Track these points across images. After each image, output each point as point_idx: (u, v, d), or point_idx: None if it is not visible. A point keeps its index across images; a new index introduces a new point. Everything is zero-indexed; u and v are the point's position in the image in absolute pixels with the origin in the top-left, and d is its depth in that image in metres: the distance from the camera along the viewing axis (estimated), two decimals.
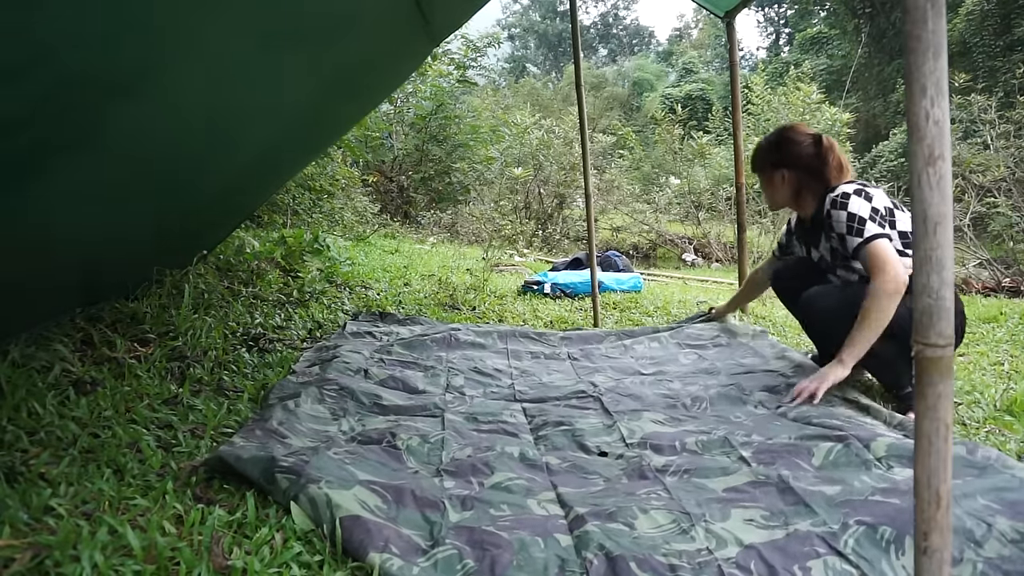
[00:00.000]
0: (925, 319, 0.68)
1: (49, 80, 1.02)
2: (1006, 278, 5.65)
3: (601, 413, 1.77)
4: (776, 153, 1.99)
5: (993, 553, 1.00)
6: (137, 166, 1.54)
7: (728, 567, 1.01)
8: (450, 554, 1.04)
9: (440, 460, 1.43)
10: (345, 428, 1.60)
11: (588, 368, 2.29)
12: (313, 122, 2.32)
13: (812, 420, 1.60)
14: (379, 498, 1.19)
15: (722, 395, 1.88)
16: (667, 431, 1.63)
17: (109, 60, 1.10)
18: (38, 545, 0.98)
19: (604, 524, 1.13)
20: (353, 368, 2.10)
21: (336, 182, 5.87)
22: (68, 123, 1.17)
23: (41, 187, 1.30)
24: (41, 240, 1.52)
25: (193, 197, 2.10)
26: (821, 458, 1.39)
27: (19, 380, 1.60)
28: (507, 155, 10.21)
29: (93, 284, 2.10)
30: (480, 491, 1.28)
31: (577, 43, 3.20)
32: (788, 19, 31.31)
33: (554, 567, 1.02)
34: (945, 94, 0.65)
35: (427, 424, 1.65)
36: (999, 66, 12.54)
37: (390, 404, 1.80)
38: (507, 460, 1.43)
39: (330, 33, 1.70)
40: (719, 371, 2.13)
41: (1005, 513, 1.09)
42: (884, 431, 1.53)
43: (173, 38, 1.19)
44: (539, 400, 1.91)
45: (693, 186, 10.45)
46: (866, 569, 0.99)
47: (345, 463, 1.34)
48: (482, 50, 9.62)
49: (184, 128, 1.57)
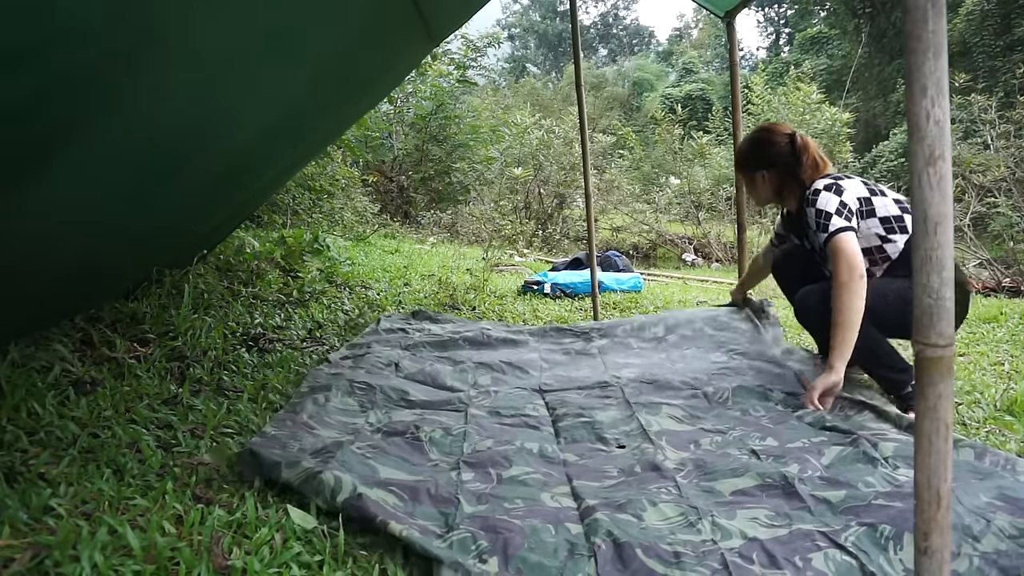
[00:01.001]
0: (925, 319, 0.68)
1: (46, 74, 1.02)
2: (1006, 278, 5.65)
3: (622, 405, 1.81)
4: (754, 155, 2.04)
5: (990, 548, 1.01)
6: (133, 163, 1.54)
7: (731, 556, 1.03)
8: (464, 536, 1.08)
9: (461, 451, 1.48)
10: (372, 420, 1.67)
11: (617, 364, 2.31)
12: (309, 121, 2.31)
13: (826, 424, 1.61)
14: (396, 498, 1.22)
15: (744, 389, 1.89)
16: (684, 429, 1.65)
17: (102, 57, 1.10)
18: (38, 545, 0.98)
19: (613, 514, 1.16)
20: (384, 362, 2.17)
21: (336, 182, 5.87)
22: (62, 120, 1.17)
23: (41, 185, 1.30)
24: (41, 240, 1.52)
25: (192, 197, 2.10)
26: (831, 458, 1.41)
27: (19, 380, 1.60)
28: (507, 155, 10.20)
29: (93, 285, 2.10)
30: (496, 485, 1.32)
31: (577, 43, 3.20)
32: (788, 19, 31.31)
33: (563, 551, 1.06)
34: (945, 94, 0.65)
35: (451, 418, 1.70)
36: (999, 66, 12.54)
37: (417, 399, 1.86)
38: (526, 455, 1.48)
39: (325, 31, 1.70)
40: (745, 370, 2.14)
41: (1006, 510, 1.11)
42: (895, 434, 1.54)
43: (169, 35, 1.19)
44: (561, 390, 1.96)
45: (693, 186, 10.45)
46: (864, 560, 1.01)
47: (367, 458, 1.38)
48: (482, 50, 9.62)
49: (178, 124, 1.56)
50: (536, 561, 1.02)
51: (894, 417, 1.64)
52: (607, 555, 1.03)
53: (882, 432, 1.55)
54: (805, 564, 1.02)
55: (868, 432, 1.53)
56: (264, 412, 1.72)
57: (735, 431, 1.61)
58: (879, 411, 1.69)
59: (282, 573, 0.98)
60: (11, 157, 1.15)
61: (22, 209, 1.33)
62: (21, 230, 1.40)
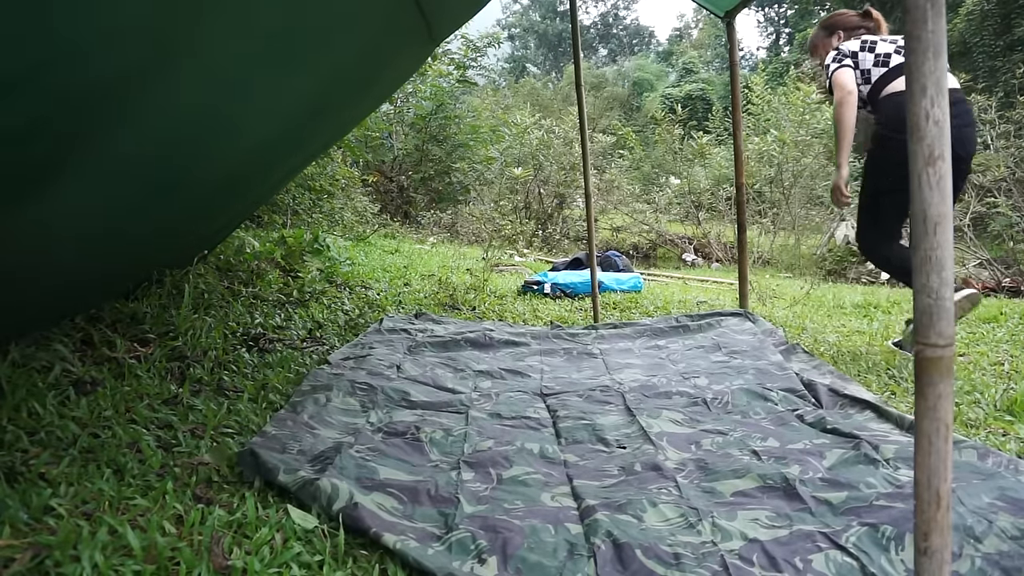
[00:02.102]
0: (925, 319, 0.68)
1: (50, 88, 1.02)
2: (1006, 278, 5.66)
3: (623, 410, 1.80)
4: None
5: (992, 549, 1.01)
6: (136, 170, 1.54)
7: (731, 558, 1.03)
8: (464, 536, 1.08)
9: (462, 451, 1.48)
10: (373, 420, 1.67)
11: (618, 365, 2.31)
12: (311, 122, 2.31)
13: (827, 426, 1.61)
14: (395, 500, 1.22)
15: (744, 391, 1.89)
16: (684, 431, 1.65)
17: (107, 66, 1.10)
18: (38, 545, 0.98)
19: (613, 515, 1.16)
20: (386, 363, 2.18)
21: (336, 182, 5.86)
22: (66, 135, 1.17)
23: (44, 196, 1.30)
24: (43, 245, 1.52)
25: (192, 199, 2.10)
26: (833, 460, 1.41)
27: (19, 380, 1.60)
28: (507, 155, 10.20)
29: (93, 286, 2.10)
30: (496, 485, 1.32)
31: (577, 43, 3.20)
32: (788, 19, 31.29)
33: (563, 550, 1.06)
34: (945, 94, 0.65)
35: (452, 420, 1.70)
36: (999, 66, 12.53)
37: (418, 400, 1.85)
38: (526, 455, 1.48)
39: (328, 32, 1.69)
40: (746, 369, 2.14)
41: (1008, 510, 1.10)
42: (897, 435, 1.54)
43: (173, 40, 1.19)
44: (562, 393, 1.95)
45: (693, 186, 10.43)
46: (865, 561, 1.01)
47: (367, 460, 1.38)
48: (482, 50, 9.61)
49: (181, 130, 1.56)
50: (536, 561, 1.02)
51: (896, 418, 1.64)
52: (607, 555, 1.03)
53: (884, 434, 1.55)
54: (806, 565, 1.01)
55: (869, 433, 1.53)
56: (264, 412, 1.72)
57: (736, 432, 1.61)
58: (881, 411, 1.69)
59: (282, 573, 0.98)
60: (17, 167, 1.15)
61: (25, 217, 1.33)
62: (24, 235, 1.40)
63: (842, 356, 2.42)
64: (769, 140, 9.51)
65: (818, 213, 9.38)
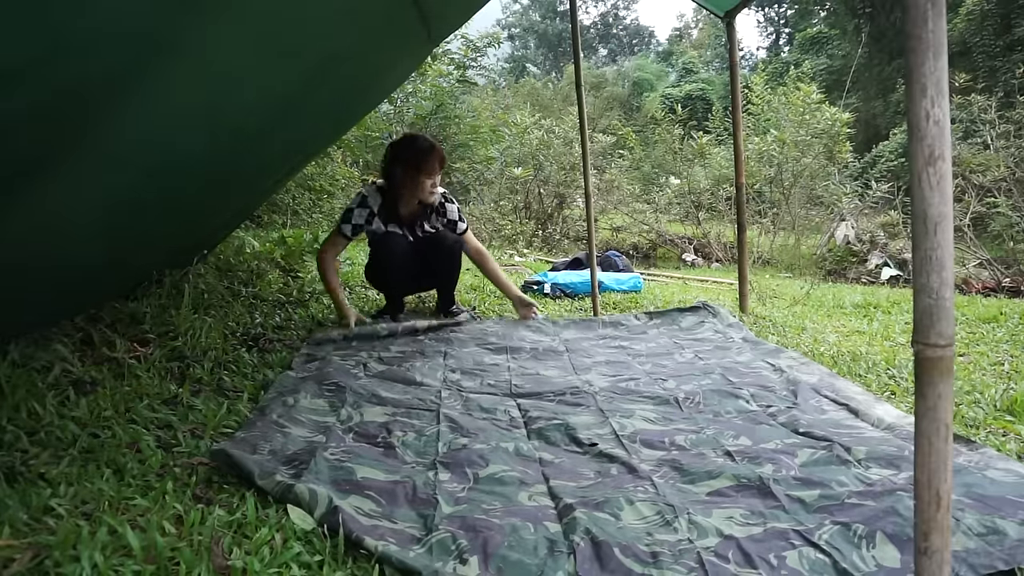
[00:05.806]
0: (925, 319, 0.68)
1: (48, 85, 1.02)
2: (1006, 278, 5.66)
3: (595, 411, 1.79)
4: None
5: (959, 546, 1.02)
6: (136, 170, 1.54)
7: (707, 555, 1.04)
8: (444, 537, 1.08)
9: (436, 451, 1.46)
10: (344, 417, 1.64)
11: (585, 364, 2.29)
12: (309, 122, 2.31)
13: (800, 427, 1.60)
14: (373, 502, 1.21)
15: (715, 391, 1.89)
16: (657, 428, 1.64)
17: (105, 64, 1.10)
18: (38, 545, 0.98)
19: (591, 512, 1.17)
20: (351, 363, 2.14)
21: (336, 182, 5.86)
22: (65, 129, 1.17)
23: (35, 194, 1.30)
24: (41, 244, 1.52)
25: (193, 200, 2.10)
26: (804, 458, 1.42)
27: (19, 380, 1.60)
28: (507, 155, 10.19)
29: (93, 286, 2.10)
30: (473, 484, 1.32)
31: (577, 43, 3.20)
32: (788, 19, 31.30)
33: (543, 548, 1.06)
34: (945, 94, 0.65)
35: (423, 420, 1.67)
36: (999, 66, 12.53)
37: (388, 397, 1.83)
38: (502, 454, 1.47)
39: (326, 32, 1.69)
40: (714, 368, 2.14)
41: (973, 507, 1.12)
42: (871, 433, 1.55)
43: (170, 41, 1.19)
44: (533, 395, 1.93)
45: (693, 186, 10.43)
46: (837, 558, 1.02)
47: (343, 462, 1.36)
48: (482, 50, 9.59)
49: (181, 130, 1.56)
50: (516, 559, 1.02)
51: (874, 420, 1.65)
52: (586, 552, 1.04)
53: (858, 431, 1.56)
54: (780, 562, 1.02)
55: (842, 431, 1.54)
56: None
57: (708, 429, 1.61)
58: (857, 412, 1.71)
59: (282, 573, 0.98)
60: (11, 163, 1.15)
61: (20, 213, 1.33)
62: (21, 233, 1.40)
63: (842, 356, 2.42)
64: (769, 140, 9.52)
65: (818, 213, 9.39)
